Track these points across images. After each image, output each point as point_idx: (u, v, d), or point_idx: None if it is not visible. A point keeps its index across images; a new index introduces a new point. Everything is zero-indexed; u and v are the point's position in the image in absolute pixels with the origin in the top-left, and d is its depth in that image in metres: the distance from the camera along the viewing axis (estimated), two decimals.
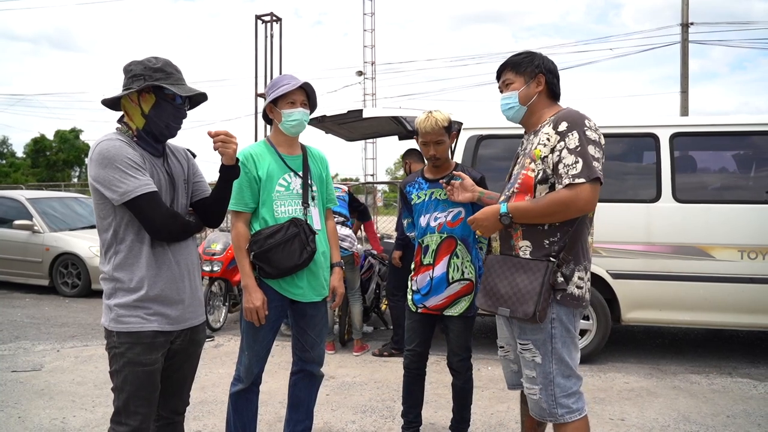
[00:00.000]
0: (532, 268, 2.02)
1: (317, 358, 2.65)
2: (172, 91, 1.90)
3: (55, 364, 4.52)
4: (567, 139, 1.98)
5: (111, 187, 1.82)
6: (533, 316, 1.98)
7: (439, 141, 2.69)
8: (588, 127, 2.01)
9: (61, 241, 7.84)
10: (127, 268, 1.88)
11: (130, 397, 1.88)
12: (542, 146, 2.05)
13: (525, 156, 2.15)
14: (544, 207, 1.99)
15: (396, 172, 62.06)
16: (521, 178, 2.10)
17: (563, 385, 2.06)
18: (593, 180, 1.95)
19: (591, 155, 1.96)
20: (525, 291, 2.01)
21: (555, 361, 2.05)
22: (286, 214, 2.49)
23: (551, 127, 2.05)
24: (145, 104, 1.92)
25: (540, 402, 2.08)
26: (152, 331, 1.89)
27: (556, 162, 1.99)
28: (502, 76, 2.25)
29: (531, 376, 2.09)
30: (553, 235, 2.04)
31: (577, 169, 1.94)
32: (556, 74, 2.21)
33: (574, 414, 2.06)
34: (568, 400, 2.06)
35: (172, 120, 1.95)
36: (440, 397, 3.67)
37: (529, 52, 2.24)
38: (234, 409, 2.58)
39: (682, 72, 15.89)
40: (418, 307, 2.80)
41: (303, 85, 2.50)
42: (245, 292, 2.45)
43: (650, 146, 4.49)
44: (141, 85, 1.88)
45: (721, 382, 4.12)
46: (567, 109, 2.11)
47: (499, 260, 2.14)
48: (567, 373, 2.06)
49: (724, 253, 4.28)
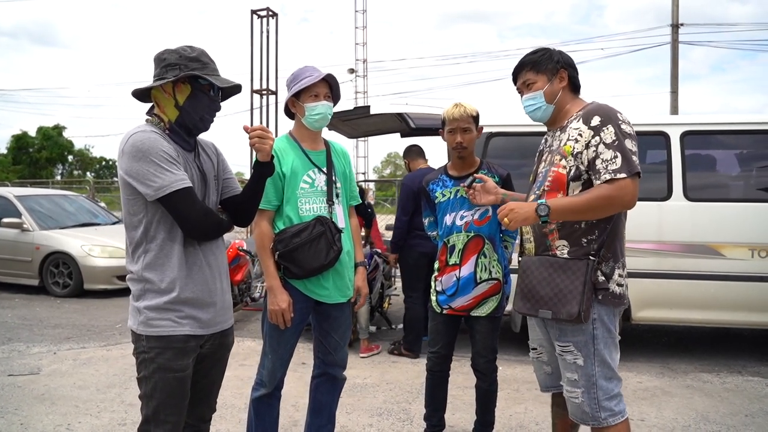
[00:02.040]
0: (572, 268, 1.96)
1: (340, 361, 2.56)
2: (210, 81, 1.81)
3: (53, 367, 4.37)
4: (602, 133, 1.92)
5: (145, 182, 1.72)
6: (578, 317, 1.92)
7: (466, 129, 2.63)
8: (622, 121, 1.95)
9: (52, 240, 7.63)
10: (157, 268, 1.78)
11: (160, 405, 1.78)
12: (573, 142, 1.98)
13: (553, 153, 2.09)
14: (586, 202, 1.91)
15: (383, 171, 62.04)
16: (552, 175, 2.03)
17: (606, 388, 2.00)
18: (634, 175, 1.89)
19: (629, 149, 1.91)
20: (567, 291, 1.95)
21: (597, 363, 1.99)
22: (311, 212, 2.40)
23: (581, 122, 1.99)
24: (180, 95, 1.82)
25: (582, 405, 2.02)
26: (184, 335, 1.79)
27: (593, 158, 1.93)
28: (520, 78, 2.18)
29: (572, 379, 2.03)
30: (591, 233, 1.98)
31: (617, 164, 1.88)
32: (575, 67, 2.16)
33: (617, 417, 2.01)
34: (610, 403, 2.00)
35: (207, 112, 1.86)
36: (456, 398, 3.61)
37: (545, 48, 2.18)
38: (256, 414, 2.49)
39: (672, 72, 16.04)
40: (443, 309, 2.73)
41: (326, 77, 2.41)
42: (270, 293, 2.36)
43: (661, 144, 4.46)
44: (177, 75, 1.78)
45: (733, 381, 4.11)
46: (596, 103, 2.05)
47: (536, 261, 2.07)
48: (609, 375, 2.01)
49: (735, 252, 4.27)
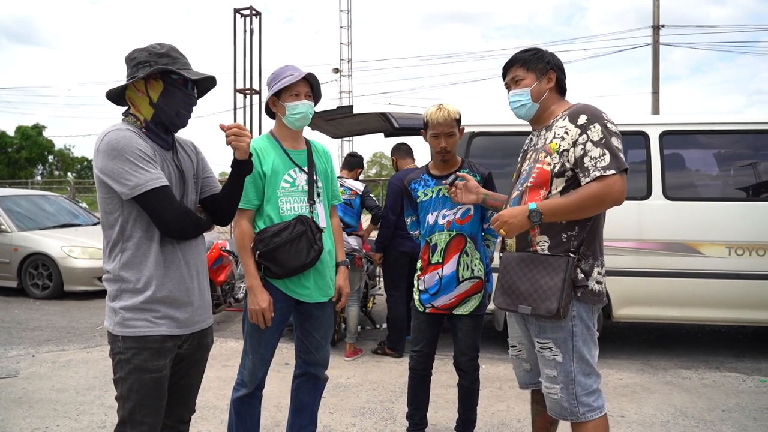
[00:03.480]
0: (552, 264, 1.99)
1: (322, 360, 2.55)
2: (182, 75, 1.79)
3: (31, 370, 4.30)
4: (589, 131, 1.96)
5: (121, 180, 1.70)
6: (557, 313, 1.95)
7: (450, 133, 2.63)
8: (607, 120, 2.00)
9: (31, 241, 7.50)
10: (134, 267, 1.76)
11: (136, 406, 1.76)
12: (559, 140, 2.02)
13: (538, 151, 2.11)
14: (577, 201, 1.95)
15: (369, 171, 61.99)
16: (536, 172, 2.06)
17: (584, 384, 2.03)
18: (622, 171, 1.94)
19: (616, 146, 1.97)
20: (547, 287, 1.97)
21: (576, 359, 2.02)
22: (291, 212, 2.39)
23: (567, 120, 2.02)
24: (153, 92, 1.80)
25: (561, 401, 2.04)
26: (161, 336, 1.78)
27: (581, 155, 1.96)
28: (509, 74, 2.21)
29: (551, 376, 2.05)
30: (571, 228, 2.01)
31: (605, 161, 1.92)
32: (564, 70, 2.22)
33: (595, 412, 2.04)
34: (589, 398, 2.03)
35: (183, 107, 1.84)
36: (439, 397, 3.62)
37: (537, 49, 2.22)
38: (237, 414, 2.47)
39: (654, 73, 16.26)
40: (426, 307, 2.73)
41: (307, 76, 2.40)
42: (250, 293, 2.34)
43: (640, 144, 4.52)
44: (148, 71, 1.76)
45: (711, 377, 4.18)
46: (581, 104, 2.10)
47: (516, 257, 2.09)
48: (587, 371, 2.04)
49: (713, 250, 4.34)
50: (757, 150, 4.63)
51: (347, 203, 4.66)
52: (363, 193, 4.75)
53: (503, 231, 2.01)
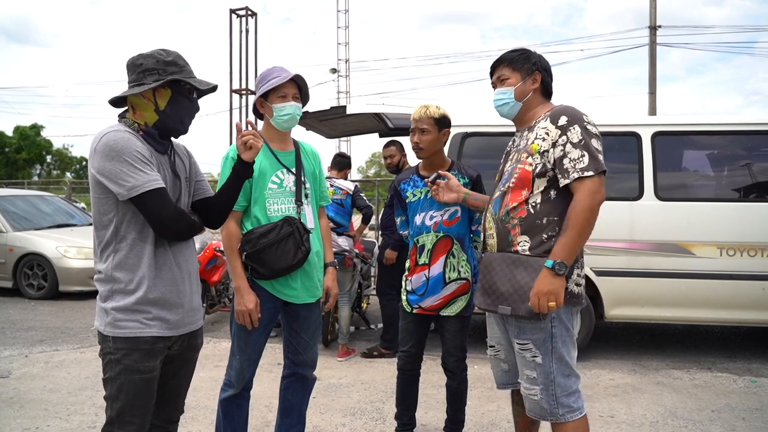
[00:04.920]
0: (533, 265, 1.98)
1: (310, 360, 2.56)
2: (192, 85, 1.82)
3: (23, 370, 4.30)
4: (569, 133, 1.98)
5: (118, 181, 1.71)
6: (537, 314, 1.95)
7: (423, 129, 2.66)
8: (587, 122, 2.01)
9: (26, 241, 7.50)
10: (127, 267, 1.77)
11: (125, 407, 1.77)
12: (540, 140, 2.03)
13: (520, 151, 2.13)
14: (576, 227, 1.92)
15: (368, 171, 61.98)
16: (518, 172, 2.08)
17: (564, 385, 2.03)
18: (601, 173, 1.96)
19: (595, 148, 1.98)
20: (527, 288, 1.97)
21: (555, 360, 2.02)
22: (279, 213, 2.39)
23: (549, 121, 2.04)
24: (161, 100, 1.82)
25: (540, 402, 2.05)
26: (151, 337, 1.79)
27: (560, 156, 1.98)
28: (496, 72, 2.23)
29: (531, 377, 2.05)
30: (552, 229, 2.01)
31: (584, 162, 1.95)
32: (551, 73, 2.22)
33: (575, 413, 2.04)
34: (568, 399, 2.04)
35: (187, 115, 1.88)
36: (429, 397, 3.63)
37: (524, 49, 2.23)
38: (224, 415, 2.48)
39: (650, 74, 16.27)
40: (414, 308, 2.74)
41: (294, 77, 2.41)
42: (237, 294, 2.36)
43: (633, 145, 4.53)
44: (158, 80, 1.78)
45: (702, 377, 4.19)
46: (563, 105, 2.11)
47: (497, 257, 2.09)
48: (567, 372, 2.04)
49: (704, 250, 4.36)
50: (749, 151, 4.64)
51: (338, 203, 4.67)
52: (354, 193, 4.76)
53: (553, 304, 1.92)
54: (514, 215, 2.05)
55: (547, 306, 1.92)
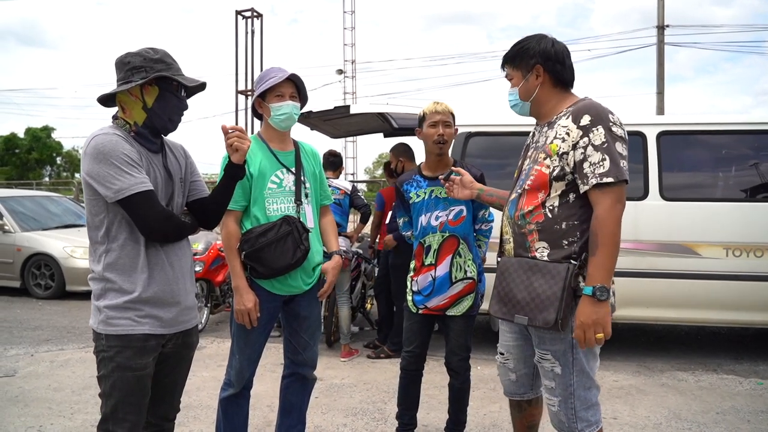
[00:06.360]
0: (551, 272, 1.84)
1: (310, 360, 2.56)
2: (180, 81, 1.82)
3: (29, 369, 4.34)
4: (591, 134, 1.82)
5: (105, 184, 1.73)
6: (555, 324, 1.82)
7: (447, 123, 2.67)
8: (613, 122, 1.85)
9: (34, 241, 7.57)
10: (119, 268, 1.79)
11: (118, 404, 1.79)
12: (560, 141, 1.88)
13: (538, 150, 1.98)
14: (608, 241, 1.77)
15: (375, 171, 61.98)
16: (534, 174, 1.94)
17: (584, 398, 1.93)
18: (621, 182, 1.80)
19: (618, 153, 1.81)
20: (544, 297, 1.84)
21: (576, 372, 1.91)
22: (278, 212, 2.39)
23: (570, 119, 1.88)
24: (149, 97, 1.83)
25: (558, 414, 1.96)
26: (143, 334, 1.80)
27: (580, 160, 1.83)
28: (505, 71, 2.11)
29: (550, 387, 1.96)
30: (572, 234, 1.87)
31: (604, 167, 1.79)
32: (560, 59, 1.98)
33: (592, 427, 1.94)
34: (587, 413, 1.94)
35: (176, 113, 1.88)
36: (431, 398, 3.62)
37: (522, 41, 2.03)
38: (224, 414, 2.48)
39: (658, 73, 16.20)
40: (419, 308, 2.74)
41: (291, 77, 2.41)
42: (236, 293, 2.36)
43: (638, 144, 4.50)
44: (145, 77, 1.79)
45: (708, 379, 4.15)
46: (587, 101, 1.93)
47: (514, 263, 1.96)
48: (588, 385, 1.93)
49: (710, 251, 4.32)
50: (756, 150, 4.59)
51: (336, 203, 4.69)
52: (351, 192, 4.77)
53: (601, 336, 1.80)
54: (531, 219, 1.93)
55: (594, 339, 1.78)
